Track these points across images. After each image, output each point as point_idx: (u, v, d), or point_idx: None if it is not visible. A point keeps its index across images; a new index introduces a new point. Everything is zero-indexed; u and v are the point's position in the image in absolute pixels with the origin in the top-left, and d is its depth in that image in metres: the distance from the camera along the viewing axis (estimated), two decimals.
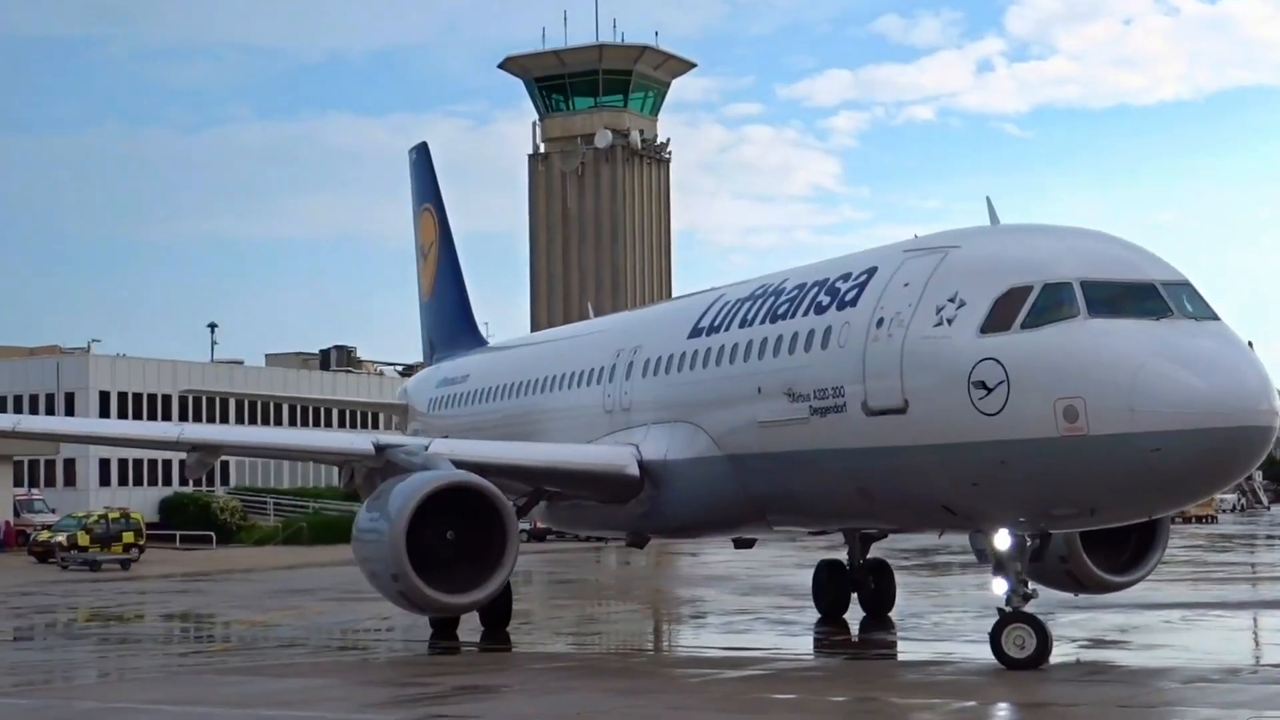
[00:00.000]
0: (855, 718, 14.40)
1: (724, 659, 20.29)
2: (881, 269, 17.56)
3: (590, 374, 24.30)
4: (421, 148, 36.58)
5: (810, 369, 17.90)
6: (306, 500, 65.06)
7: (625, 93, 75.22)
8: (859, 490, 17.78)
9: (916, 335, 15.90)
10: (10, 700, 16.59)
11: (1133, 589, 21.41)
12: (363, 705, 15.63)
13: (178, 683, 18.68)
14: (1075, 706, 14.06)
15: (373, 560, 20.00)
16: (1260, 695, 14.38)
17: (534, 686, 17.33)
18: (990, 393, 14.80)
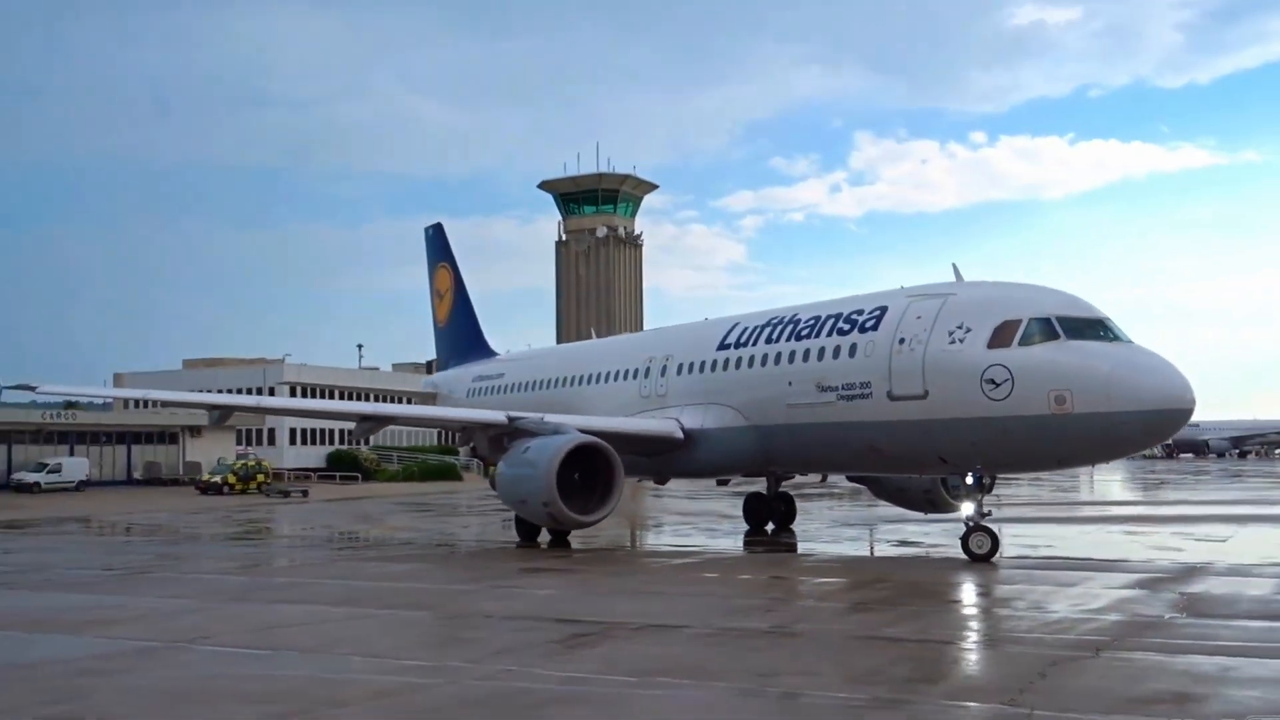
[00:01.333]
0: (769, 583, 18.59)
1: (681, 552, 24.09)
2: (892, 307, 22.14)
3: (625, 373, 29.46)
4: (437, 226, 44.79)
5: (839, 369, 22.48)
6: (417, 453, 79.82)
7: (615, 203, 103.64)
8: (869, 447, 22.37)
9: (935, 349, 20.59)
10: (235, 576, 21.07)
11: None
12: (450, 580, 19.97)
13: (335, 566, 22.89)
14: (887, 580, 18.83)
15: (525, 492, 24.28)
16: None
17: (557, 568, 21.94)
18: (998, 386, 19.51)
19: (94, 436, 70.54)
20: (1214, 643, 12.67)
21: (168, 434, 73.20)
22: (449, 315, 43.25)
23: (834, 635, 13.49)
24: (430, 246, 45.07)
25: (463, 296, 42.85)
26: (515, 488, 24.72)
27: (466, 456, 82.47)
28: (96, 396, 67.93)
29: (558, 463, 23.59)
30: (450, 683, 10.74)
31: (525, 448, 24.79)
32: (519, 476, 24.50)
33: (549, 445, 24.29)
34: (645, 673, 11.04)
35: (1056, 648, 12.34)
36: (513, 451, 25.39)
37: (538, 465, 23.90)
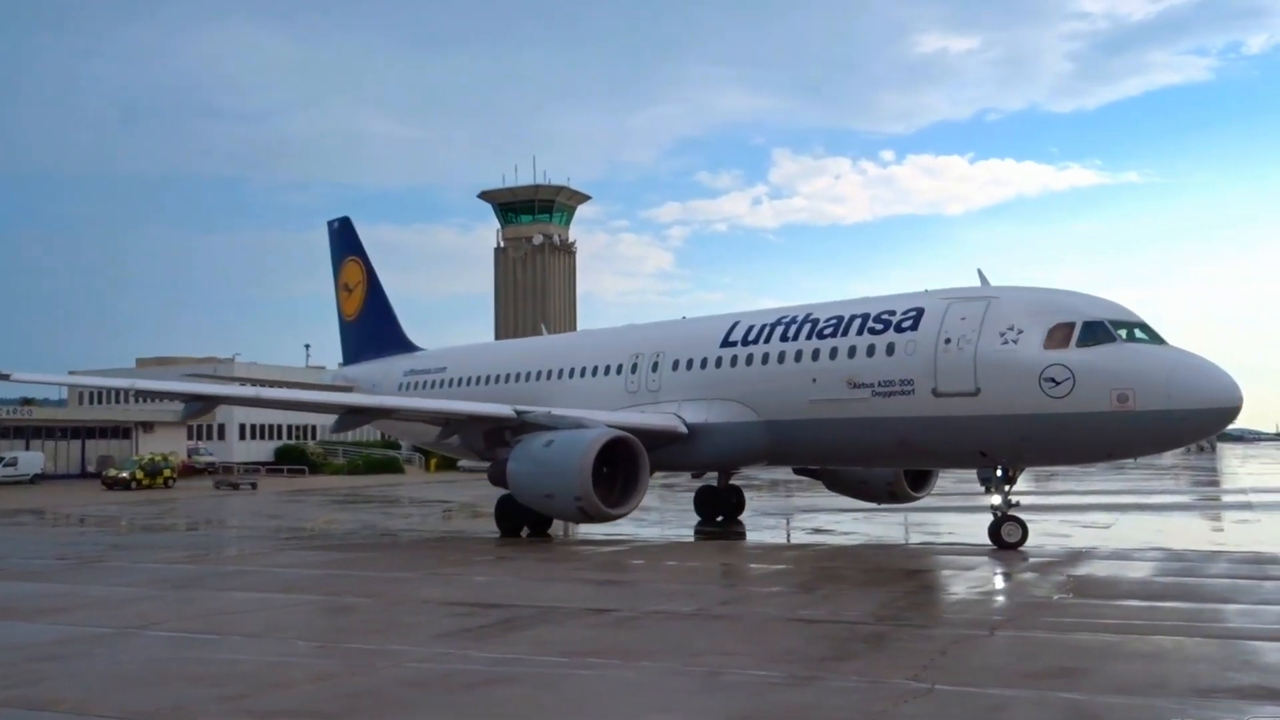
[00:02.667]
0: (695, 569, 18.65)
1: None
2: (928, 308, 21.61)
3: (607, 368, 27.73)
4: (344, 221, 41.17)
5: (874, 367, 21.78)
6: (362, 448, 77.77)
7: (551, 212, 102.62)
8: (900, 442, 21.80)
9: (988, 349, 20.21)
10: (185, 565, 20.65)
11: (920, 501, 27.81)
12: (391, 567, 19.93)
13: (282, 555, 22.54)
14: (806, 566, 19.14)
15: (552, 486, 22.80)
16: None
17: (494, 557, 21.79)
18: (1059, 384, 19.31)
19: (49, 431, 69.16)
20: (1098, 621, 12.91)
21: (121, 429, 71.80)
22: (360, 309, 40.00)
23: (755, 617, 13.56)
24: (336, 241, 41.57)
25: (376, 290, 39.81)
26: (538, 482, 23.27)
27: (408, 451, 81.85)
28: (71, 385, 66.52)
29: (593, 457, 22.32)
30: (391, 665, 10.61)
31: (547, 441, 23.29)
32: (543, 471, 23.03)
33: (581, 439, 22.91)
34: (576, 654, 11.01)
35: (957, 626, 12.52)
36: (528, 445, 23.75)
37: (569, 459, 22.48)
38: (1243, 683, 9.47)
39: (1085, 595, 15.24)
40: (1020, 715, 8.56)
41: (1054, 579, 17.01)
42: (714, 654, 11.05)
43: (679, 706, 8.96)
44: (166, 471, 57.63)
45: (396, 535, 28.03)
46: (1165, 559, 19.80)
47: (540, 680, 9.91)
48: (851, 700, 8.98)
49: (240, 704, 9.15)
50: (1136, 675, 9.85)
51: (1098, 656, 10.85)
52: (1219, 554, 20.66)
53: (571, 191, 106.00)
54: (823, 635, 12.16)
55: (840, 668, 10.28)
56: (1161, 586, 16.41)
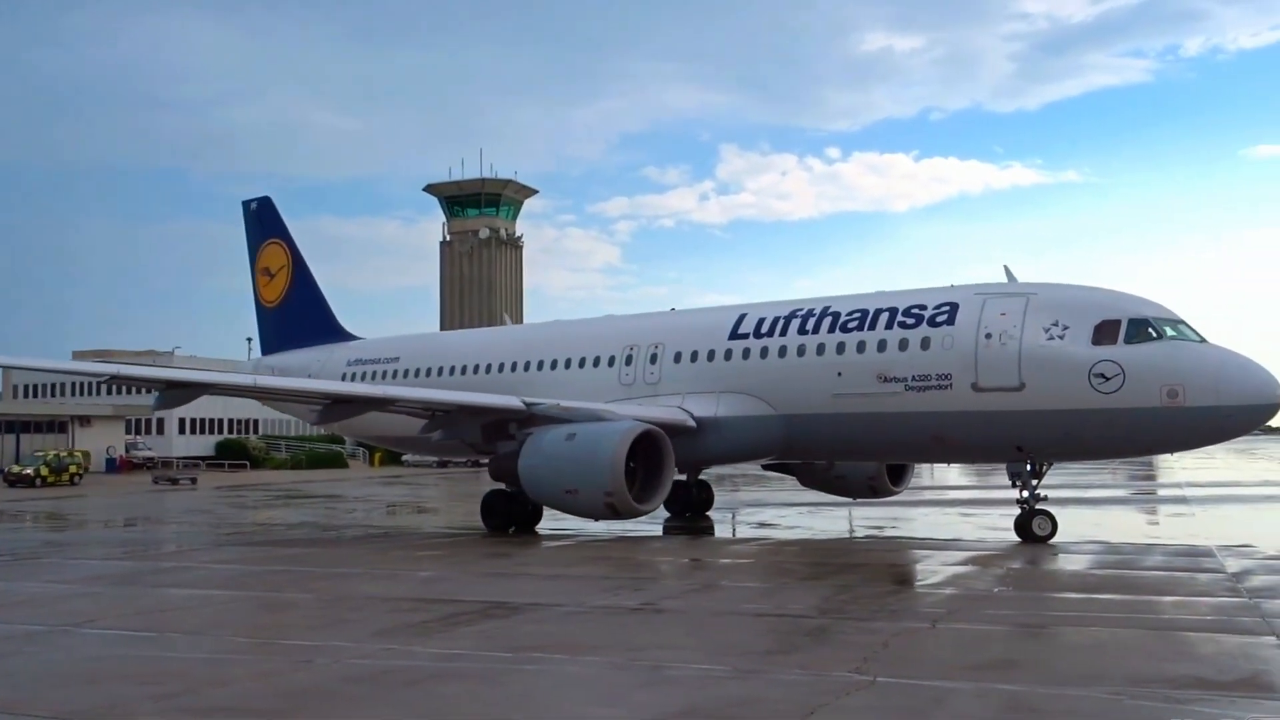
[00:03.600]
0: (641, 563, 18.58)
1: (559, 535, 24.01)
2: (963, 303, 21.48)
3: (597, 360, 26.63)
4: (264, 201, 38.18)
5: (908, 361, 21.49)
6: (305, 442, 76.83)
7: (497, 206, 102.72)
8: (933, 436, 21.60)
9: (1032, 344, 20.16)
10: (122, 562, 20.37)
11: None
12: (333, 563, 19.62)
13: (221, 551, 22.11)
14: (752, 560, 19.41)
15: (576, 481, 21.88)
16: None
17: (437, 553, 21.62)
18: (1109, 380, 19.39)
19: None
20: (1038, 613, 13.11)
21: (57, 423, 70.25)
22: (283, 295, 37.29)
23: (699, 611, 13.59)
24: (254, 222, 38.55)
25: (303, 275, 37.09)
26: (558, 477, 22.33)
27: (353, 446, 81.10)
28: (46, 370, 64.21)
29: (626, 450, 21.50)
30: (333, 661, 10.50)
31: (569, 434, 22.49)
32: (566, 465, 22.16)
33: (611, 431, 22.11)
34: (520, 649, 10.96)
35: (899, 619, 12.64)
36: (544, 439, 22.84)
37: (598, 453, 21.67)
38: (1176, 673, 9.65)
39: (1025, 588, 15.48)
40: (960, 707, 8.66)
41: (995, 572, 17.25)
42: (658, 648, 11.07)
43: (623, 701, 8.96)
44: (73, 468, 54.60)
45: (340, 531, 27.71)
46: (1102, 552, 20.16)
47: (484, 676, 9.86)
48: (794, 693, 9.04)
49: (178, 702, 9.02)
50: (1074, 666, 10.01)
51: (1036, 648, 11.04)
52: (1154, 547, 21.09)
53: (518, 185, 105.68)
54: (767, 629, 12.24)
55: (783, 661, 10.34)
56: (1098, 579, 16.70)
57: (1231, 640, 11.35)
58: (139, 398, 78.49)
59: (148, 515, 34.85)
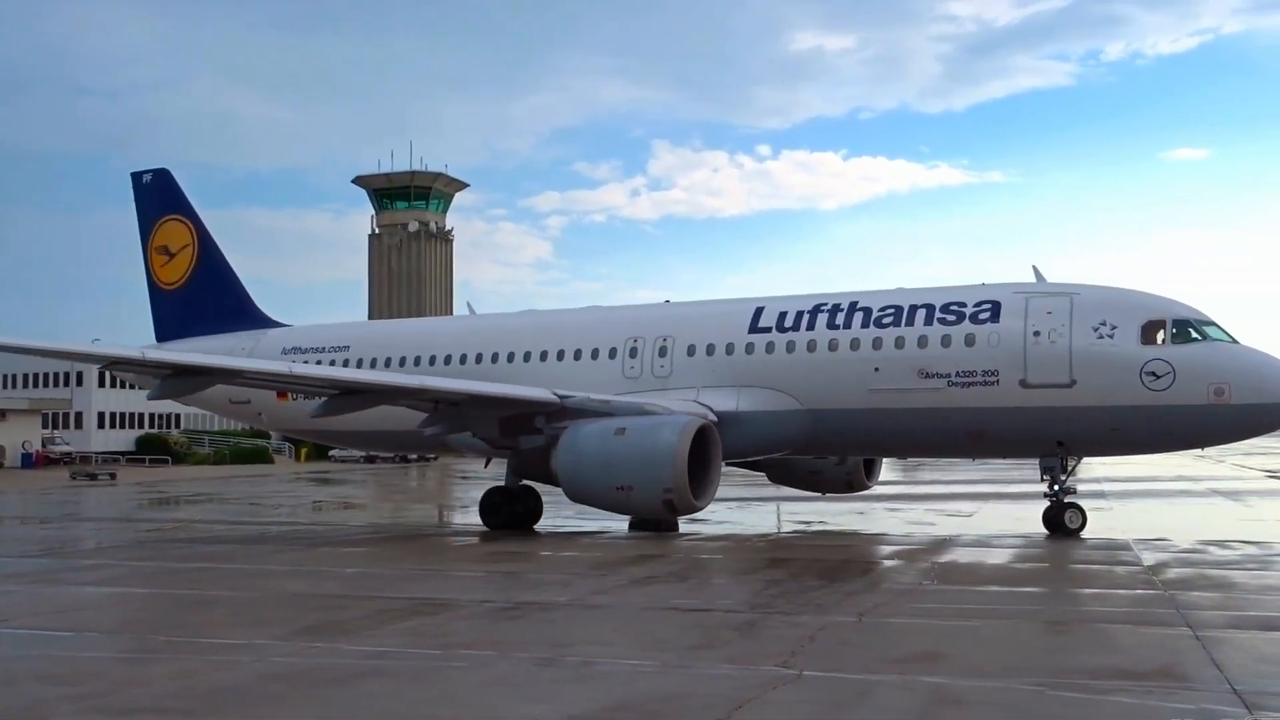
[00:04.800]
0: (571, 559, 18.90)
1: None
2: (1007, 302, 21.78)
3: (595, 352, 25.57)
4: (160, 173, 34.75)
5: (951, 357, 21.61)
6: (229, 437, 75.28)
7: (427, 199, 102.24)
8: (971, 432, 21.85)
9: (1082, 342, 20.69)
10: (38, 559, 19.97)
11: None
12: (257, 560, 19.43)
13: (141, 549, 21.77)
14: (682, 555, 19.43)
15: (631, 478, 21.04)
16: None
17: (364, 549, 21.44)
18: (1160, 378, 20.14)
19: None
20: (961, 607, 13.33)
21: None
22: (187, 276, 33.74)
23: (628, 607, 13.59)
24: (147, 196, 34.68)
25: (211, 255, 33.72)
26: (610, 474, 21.39)
27: (278, 441, 79.89)
28: (30, 350, 61.45)
29: (688, 445, 20.80)
30: (256, 660, 10.33)
31: (618, 429, 21.65)
32: (617, 461, 21.26)
33: (670, 425, 21.39)
34: (449, 646, 10.89)
35: (826, 613, 12.75)
36: (587, 434, 21.96)
37: (657, 448, 20.88)
38: (1096, 664, 9.88)
39: (949, 582, 15.71)
40: (885, 699, 8.77)
41: (920, 566, 17.50)
42: (588, 644, 11.06)
43: (551, 697, 8.93)
44: None
45: (265, 527, 27.28)
46: (1024, 546, 20.57)
47: (412, 674, 9.77)
48: (722, 687, 9.08)
49: (96, 703, 8.80)
50: (996, 659, 10.20)
51: (960, 641, 11.21)
52: (1074, 541, 21.50)
53: (449, 179, 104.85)
54: (695, 624, 12.27)
55: (711, 655, 10.38)
56: (1019, 572, 17.04)
57: (1148, 632, 11.64)
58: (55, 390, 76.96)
59: (65, 512, 34.06)
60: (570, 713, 8.39)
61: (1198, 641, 10.85)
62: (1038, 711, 8.40)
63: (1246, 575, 16.33)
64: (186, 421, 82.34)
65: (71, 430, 76.11)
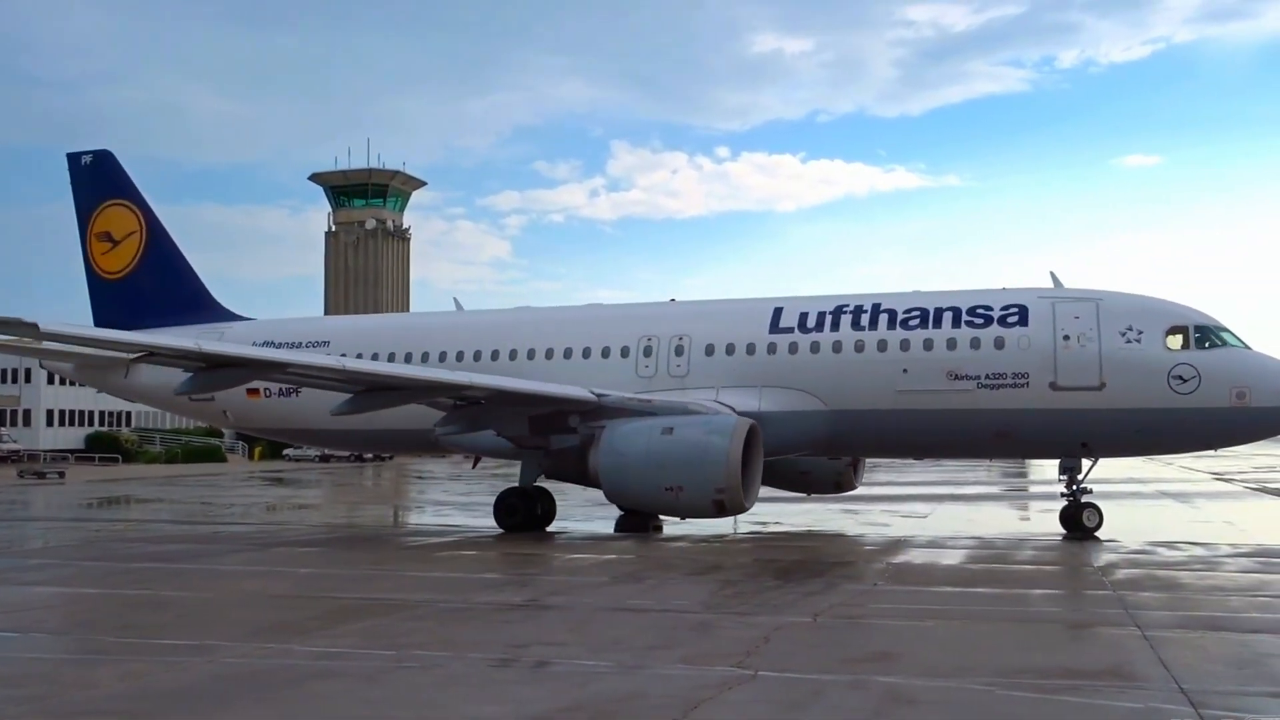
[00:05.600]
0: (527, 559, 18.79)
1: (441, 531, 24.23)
2: (1034, 306, 22.30)
3: (605, 350, 25.11)
4: (103, 154, 32.72)
5: (981, 359, 22.04)
6: (181, 435, 74.18)
7: (384, 197, 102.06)
8: (997, 433, 22.27)
9: (1111, 347, 21.38)
10: None
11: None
12: (209, 560, 19.32)
13: (92, 548, 21.55)
14: (637, 556, 19.45)
15: (683, 477, 20.78)
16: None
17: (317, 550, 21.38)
18: (1186, 382, 20.88)
19: None
20: (915, 607, 13.43)
21: None
22: (133, 265, 31.67)
23: (584, 608, 13.56)
24: (85, 179, 32.54)
25: (161, 244, 31.76)
26: (659, 474, 21.06)
27: (231, 439, 79.08)
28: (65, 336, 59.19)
29: (741, 445, 20.74)
30: (207, 661, 10.21)
31: (665, 428, 21.40)
32: (667, 461, 20.97)
33: (720, 425, 21.30)
34: (402, 647, 10.81)
35: (781, 613, 12.80)
36: (631, 433, 21.63)
37: (709, 448, 20.75)
38: (1046, 664, 10.00)
39: (903, 582, 15.82)
40: (839, 699, 8.81)
41: (875, 567, 17.62)
42: (542, 644, 11.03)
43: (506, 698, 8.90)
44: None
45: (217, 527, 27.01)
46: (977, 546, 20.78)
47: (364, 674, 9.69)
48: (677, 688, 9.08)
49: (43, 705, 8.65)
50: (948, 658, 10.28)
51: (913, 641, 11.29)
52: (1025, 541, 21.81)
53: (406, 176, 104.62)
54: (651, 624, 12.28)
55: (667, 656, 10.38)
56: (972, 573, 17.18)
57: (1098, 632, 11.80)
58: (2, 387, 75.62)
59: (13, 511, 33.46)
60: (524, 714, 8.36)
61: (1146, 641, 10.99)
62: (988, 711, 8.47)
63: (1193, 576, 16.59)
64: (138, 420, 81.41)
65: (19, 428, 74.94)
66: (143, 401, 33.58)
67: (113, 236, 32.27)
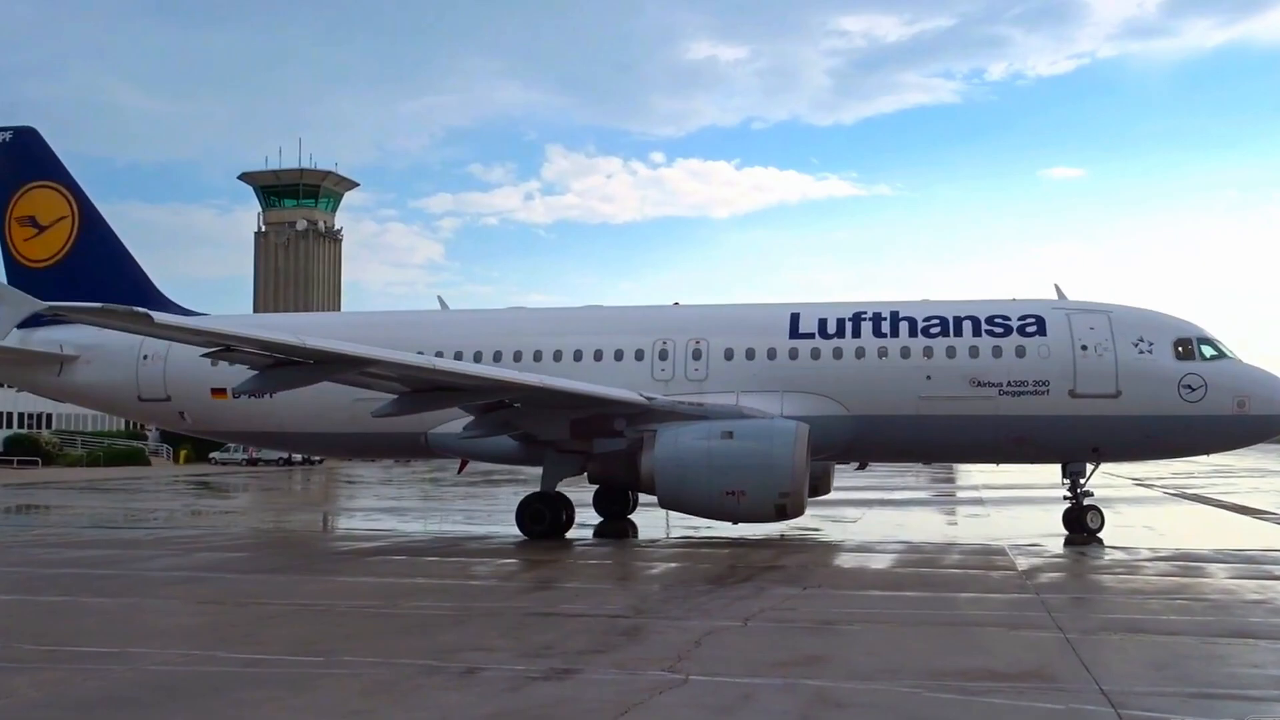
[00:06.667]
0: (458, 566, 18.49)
1: (371, 536, 24.06)
2: (1050, 317, 23.28)
3: (618, 353, 24.61)
4: (26, 131, 30.24)
5: (1002, 367, 22.77)
6: (103, 438, 72.56)
7: (316, 197, 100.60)
8: (1016, 438, 23.02)
9: (1126, 357, 22.52)
10: None
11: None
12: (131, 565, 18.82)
13: (9, 554, 20.86)
14: (568, 560, 19.52)
15: (745, 481, 20.57)
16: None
17: (242, 554, 21.14)
18: (1194, 391, 22.18)
19: None
20: (844, 611, 13.55)
21: None
22: (64, 253, 29.10)
23: (515, 612, 13.49)
24: (5, 158, 29.98)
25: (96, 230, 29.41)
26: (720, 478, 20.70)
27: (155, 442, 77.48)
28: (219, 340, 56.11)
29: (805, 449, 20.83)
30: (129, 668, 9.99)
31: (724, 431, 21.14)
32: (729, 465, 20.71)
33: (783, 429, 21.25)
34: (330, 652, 10.67)
35: (712, 617, 12.85)
36: (688, 437, 21.30)
37: (774, 452, 20.70)
38: (971, 666, 10.15)
39: (833, 586, 15.97)
40: (768, 702, 8.86)
41: (805, 571, 17.74)
42: (472, 650, 10.96)
43: (434, 704, 8.82)
44: None
45: (141, 531, 26.37)
46: (905, 551, 21.02)
47: (291, 681, 9.55)
48: (608, 693, 9.08)
49: None
50: (877, 661, 10.40)
51: (842, 644, 11.40)
52: (952, 546, 22.13)
53: (338, 177, 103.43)
54: (582, 629, 12.25)
55: (599, 660, 10.37)
56: (900, 576, 17.37)
57: (1021, 634, 12.00)
58: None
59: None
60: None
61: (1068, 644, 11.22)
62: (915, 713, 8.58)
63: (1114, 579, 16.98)
64: (59, 421, 79.04)
65: None
66: (77, 401, 31.00)
67: (38, 221, 29.83)
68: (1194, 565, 18.74)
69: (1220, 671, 10.13)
